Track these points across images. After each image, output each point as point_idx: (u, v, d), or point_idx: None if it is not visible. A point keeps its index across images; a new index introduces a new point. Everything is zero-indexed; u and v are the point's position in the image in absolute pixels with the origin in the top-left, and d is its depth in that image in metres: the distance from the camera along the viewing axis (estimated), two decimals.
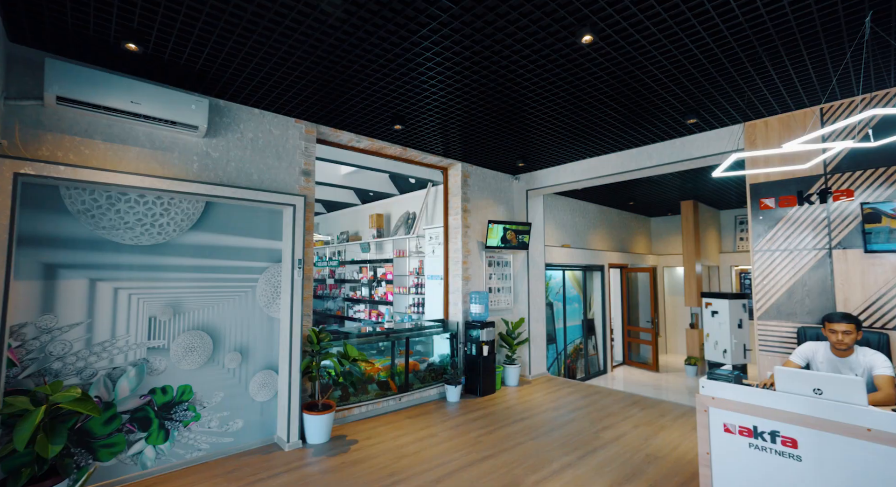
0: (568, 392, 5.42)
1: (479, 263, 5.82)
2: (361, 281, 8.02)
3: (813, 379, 2.41)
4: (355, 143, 4.70)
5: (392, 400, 4.61)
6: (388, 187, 7.52)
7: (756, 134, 4.25)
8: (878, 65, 3.22)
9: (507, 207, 6.40)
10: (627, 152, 5.23)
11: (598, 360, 8.32)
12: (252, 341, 3.60)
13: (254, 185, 3.66)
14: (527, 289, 6.33)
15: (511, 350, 5.73)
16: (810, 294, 3.89)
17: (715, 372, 2.83)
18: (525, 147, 5.12)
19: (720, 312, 6.48)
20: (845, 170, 3.77)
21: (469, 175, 5.80)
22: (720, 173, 3.34)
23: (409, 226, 7.13)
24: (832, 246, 3.80)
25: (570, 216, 8.11)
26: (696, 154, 4.65)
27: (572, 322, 7.91)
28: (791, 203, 4.03)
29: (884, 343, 3.17)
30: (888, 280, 3.54)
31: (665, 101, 3.82)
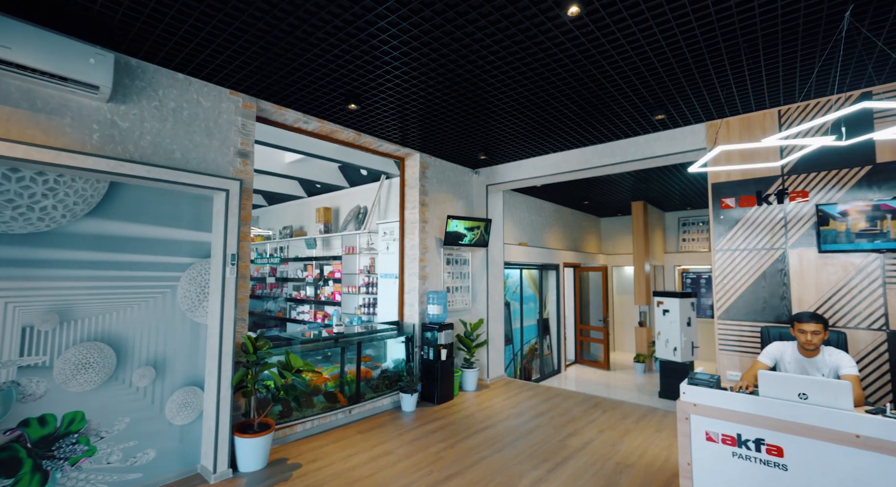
0: (528, 395, 5.22)
1: (436, 261, 5.46)
2: (306, 279, 7.38)
3: (798, 383, 2.29)
4: (303, 125, 4.16)
5: (341, 413, 4.13)
6: (337, 179, 6.96)
7: (718, 133, 4.25)
8: (828, 72, 3.24)
9: (467, 202, 6.10)
10: (592, 148, 5.11)
11: (553, 360, 8.29)
12: (171, 352, 2.98)
13: (176, 165, 3.04)
14: (486, 289, 6.07)
15: (469, 353, 5.43)
16: (768, 293, 3.93)
17: (695, 376, 2.67)
18: (488, 139, 4.84)
19: (671, 311, 6.60)
20: (801, 171, 3.83)
21: (427, 166, 5.43)
22: (696, 169, 3.22)
23: (360, 221, 6.63)
24: (788, 246, 3.86)
25: (527, 214, 7.98)
26: (660, 152, 4.60)
27: (528, 321, 7.79)
28: (750, 203, 4.05)
29: (842, 341, 3.20)
30: (839, 279, 3.63)
31: (627, 98, 3.68)
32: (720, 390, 2.51)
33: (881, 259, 3.48)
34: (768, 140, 2.64)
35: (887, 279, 3.46)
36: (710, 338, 9.45)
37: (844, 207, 3.54)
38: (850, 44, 2.90)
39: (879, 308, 3.47)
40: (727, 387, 2.61)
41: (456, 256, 5.78)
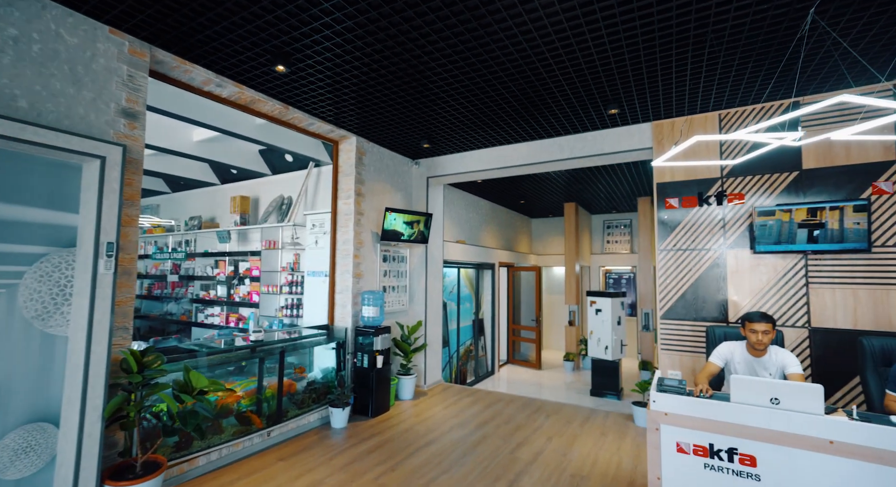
0: (469, 402, 4.90)
1: (372, 258, 4.94)
2: (217, 277, 6.40)
3: (770, 387, 2.20)
4: (216, 88, 3.42)
5: (258, 436, 3.45)
6: (257, 164, 6.10)
7: (663, 133, 4.27)
8: (768, 80, 3.33)
9: (405, 195, 5.64)
10: (539, 142, 4.94)
11: (486, 361, 8.12)
12: (4, 378, 2.16)
13: (18, 116, 2.22)
14: (424, 288, 5.66)
15: (407, 358, 4.99)
16: (707, 293, 4.00)
17: (664, 383, 2.51)
18: (430, 126, 4.44)
19: (603, 310, 6.73)
20: (738, 174, 3.95)
21: (365, 152, 4.88)
22: (660, 163, 3.11)
23: (284, 213, 5.86)
24: (726, 246, 3.96)
25: (464, 211, 7.72)
26: (608, 149, 4.54)
27: (464, 322, 7.53)
28: (693, 203, 4.11)
29: (780, 340, 3.29)
30: (770, 280, 3.78)
31: (576, 92, 3.52)
32: (691, 397, 2.36)
33: (804, 260, 3.67)
34: (738, 134, 2.55)
35: (810, 279, 3.65)
36: (632, 336, 9.98)
37: (775, 210, 3.69)
38: (776, 58, 2.96)
39: (803, 307, 3.66)
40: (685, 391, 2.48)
41: (394, 253, 5.30)
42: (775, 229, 3.70)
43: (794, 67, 3.21)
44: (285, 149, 4.93)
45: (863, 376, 2.89)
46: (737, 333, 3.32)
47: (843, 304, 3.54)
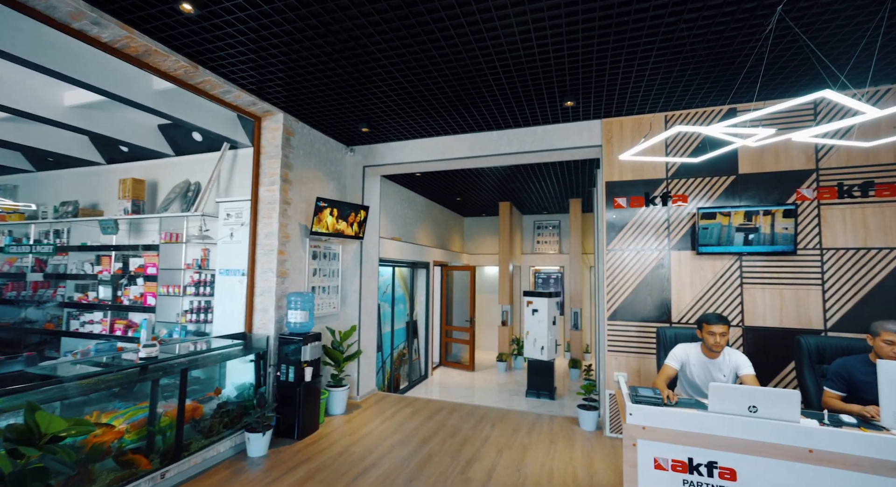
0: (408, 413, 4.49)
1: (300, 254, 4.31)
2: (100, 276, 5.24)
3: (747, 395, 2.09)
4: (91, 28, 2.61)
5: (147, 481, 2.70)
6: (156, 142, 5.09)
7: (612, 131, 4.23)
8: (713, 84, 3.40)
9: (339, 185, 5.06)
10: (487, 134, 4.67)
11: (420, 365, 7.75)
12: None
13: None
14: (359, 289, 5.12)
15: (339, 367, 4.43)
16: (652, 293, 4.02)
17: (639, 394, 2.32)
18: (370, 108, 3.96)
19: (540, 310, 6.71)
20: (682, 176, 4.02)
21: (294, 133, 4.24)
22: (628, 156, 2.96)
23: (190, 201, 4.94)
24: (671, 247, 4.00)
25: (400, 206, 7.27)
26: (557, 145, 4.41)
27: (399, 325, 7.08)
28: (640, 203, 4.11)
29: None
30: (709, 280, 3.88)
31: (523, 81, 3.31)
32: (670, 408, 2.19)
33: (740, 261, 3.82)
34: (713, 128, 2.45)
35: (744, 280, 3.80)
36: (561, 335, 10.23)
37: (715, 212, 3.79)
38: (718, 65, 3.00)
39: (738, 306, 3.80)
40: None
41: (325, 249, 4.70)
42: (716, 231, 3.81)
43: (738, 76, 3.27)
44: (193, 124, 4.10)
45: (800, 373, 3.00)
46: (687, 334, 3.32)
47: (772, 304, 3.73)
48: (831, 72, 3.27)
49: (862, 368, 2.62)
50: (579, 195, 8.20)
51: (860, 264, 3.55)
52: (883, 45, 2.88)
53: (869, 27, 2.68)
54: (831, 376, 2.70)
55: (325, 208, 4.34)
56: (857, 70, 3.23)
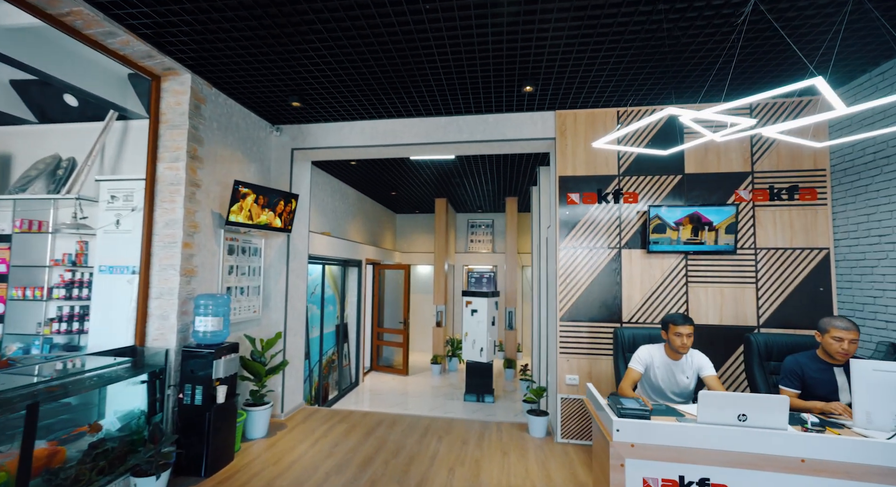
0: (343, 430, 3.94)
1: (213, 248, 3.56)
2: None
3: (737, 402, 1.95)
4: None
5: None
6: (7, 102, 3.94)
7: (566, 124, 4.08)
8: (666, 83, 3.39)
9: (262, 169, 4.34)
10: (435, 120, 4.28)
11: (351, 371, 7.14)
12: None
13: None
14: (285, 289, 4.44)
15: (260, 382, 3.75)
16: (604, 293, 3.93)
17: (624, 406, 2.08)
18: (303, 79, 3.37)
19: (479, 310, 6.49)
20: (633, 173, 3.98)
21: (205, 101, 3.49)
22: (601, 145, 2.75)
23: (60, 181, 3.89)
24: (622, 245, 3.95)
25: (330, 198, 6.60)
26: (510, 135, 4.16)
27: (328, 328, 6.41)
28: (592, 200, 4.01)
29: None
30: (658, 279, 3.88)
31: (467, 62, 3.02)
32: (660, 421, 1.98)
33: (686, 260, 3.87)
34: (704, 113, 2.31)
35: (689, 279, 3.86)
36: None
37: (664, 211, 3.80)
38: (666, 64, 2.98)
39: (683, 304, 3.85)
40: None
41: (244, 243, 3.97)
42: (667, 229, 3.81)
43: (688, 78, 3.27)
44: (64, 80, 3.18)
45: (750, 370, 3.03)
46: (644, 334, 3.23)
47: (714, 302, 3.82)
48: (771, 78, 3.40)
49: (813, 365, 2.68)
50: (516, 194, 8.16)
51: (787, 263, 3.76)
52: (840, 51, 3.01)
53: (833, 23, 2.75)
54: (786, 374, 2.72)
55: (246, 194, 3.64)
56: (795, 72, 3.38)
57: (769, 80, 3.46)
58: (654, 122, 3.96)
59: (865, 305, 3.45)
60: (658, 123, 3.94)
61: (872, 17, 2.64)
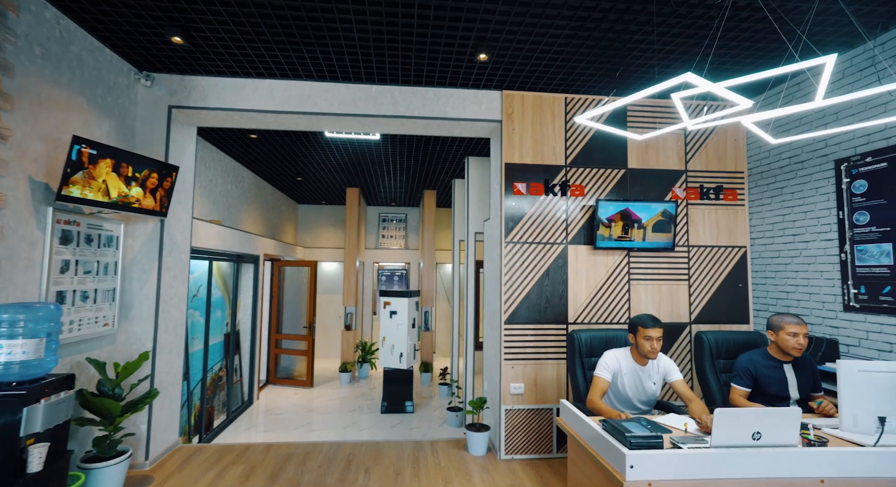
0: (238, 476, 3.03)
1: (32, 235, 2.41)
2: None
3: (753, 419, 1.69)
4: None
5: None
6: None
7: (513, 106, 3.70)
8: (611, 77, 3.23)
9: (122, 128, 3.19)
10: (365, 88, 3.58)
11: (243, 387, 5.97)
12: None
13: None
14: (155, 293, 3.32)
15: (113, 425, 2.67)
16: (552, 292, 3.63)
17: (633, 434, 1.69)
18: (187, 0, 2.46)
19: (399, 312, 5.88)
20: (580, 165, 3.76)
21: (17, 8, 2.33)
22: (584, 120, 2.35)
23: None
24: (569, 240, 3.69)
25: (221, 180, 5.41)
26: (452, 113, 3.64)
27: (215, 339, 5.22)
28: (540, 191, 3.68)
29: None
30: (602, 277, 3.70)
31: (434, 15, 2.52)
32: (677, 450, 1.63)
33: (628, 257, 3.76)
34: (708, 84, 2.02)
35: (631, 276, 3.75)
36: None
37: (610, 206, 3.63)
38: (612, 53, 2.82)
39: (626, 303, 3.73)
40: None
41: (90, 229, 2.82)
42: (612, 225, 3.64)
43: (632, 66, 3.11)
44: None
45: (701, 369, 2.94)
46: (601, 337, 2.97)
47: (653, 300, 3.76)
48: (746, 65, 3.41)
49: (765, 363, 2.64)
50: (435, 186, 7.71)
51: (714, 261, 3.87)
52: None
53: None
54: (740, 372, 2.65)
55: (97, 159, 2.54)
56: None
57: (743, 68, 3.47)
58: (631, 102, 3.78)
59: (779, 300, 3.65)
60: (608, 112, 3.77)
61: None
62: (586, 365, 2.93)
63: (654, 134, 2.45)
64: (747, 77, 1.70)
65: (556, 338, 3.59)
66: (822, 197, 3.30)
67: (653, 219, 3.69)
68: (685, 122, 2.14)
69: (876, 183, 2.95)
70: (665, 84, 1.74)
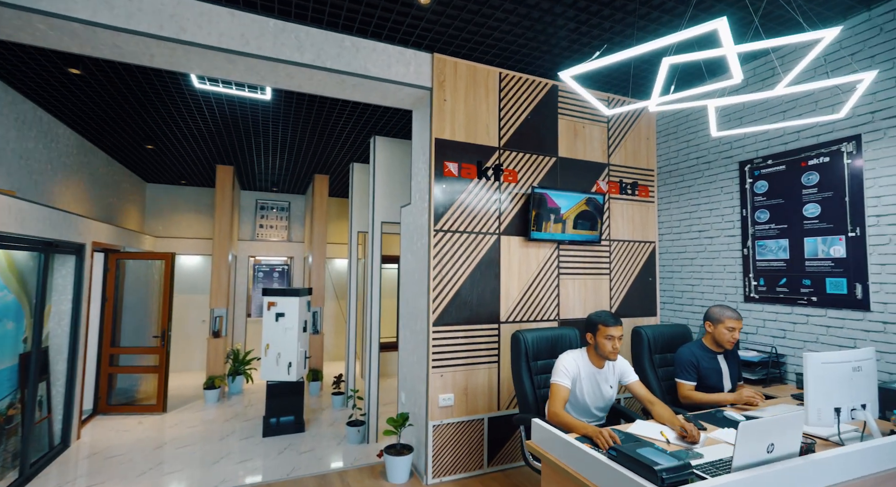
0: None
1: None
2: None
3: (769, 430, 1.47)
4: None
5: None
6: None
7: (445, 73, 3.19)
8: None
9: None
10: (261, 20, 2.69)
11: (52, 426, 4.33)
12: None
13: None
14: None
15: None
16: (483, 288, 3.22)
17: (661, 466, 1.31)
18: None
19: (288, 314, 4.92)
20: (514, 147, 3.43)
21: None
22: (567, 77, 1.93)
23: None
24: (501, 231, 3.33)
25: (18, 132, 3.80)
26: (373, 71, 2.97)
27: (2, 363, 3.61)
28: (472, 174, 3.25)
29: None
30: (534, 271, 3.44)
31: None
32: (709, 482, 1.30)
33: (558, 250, 3.57)
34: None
35: (561, 270, 3.57)
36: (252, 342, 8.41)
37: (543, 193, 3.39)
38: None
39: (555, 298, 3.53)
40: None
41: None
42: (544, 216, 3.39)
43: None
44: None
45: (641, 366, 2.82)
46: (546, 337, 2.66)
47: (579, 295, 3.64)
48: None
49: (705, 355, 2.61)
50: (328, 171, 6.81)
51: (630, 255, 3.92)
52: None
53: None
54: (685, 366, 2.58)
55: None
56: None
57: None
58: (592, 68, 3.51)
59: (684, 293, 3.84)
60: (542, 92, 3.51)
61: None
62: (533, 369, 2.59)
63: (623, 108, 2.19)
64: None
65: (488, 340, 3.20)
66: (727, 196, 3.51)
67: (573, 209, 3.52)
68: (604, 111, 2.02)
69: (775, 184, 3.19)
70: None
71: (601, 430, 1.80)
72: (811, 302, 2.95)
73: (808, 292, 2.97)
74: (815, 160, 2.96)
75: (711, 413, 2.28)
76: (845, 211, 2.81)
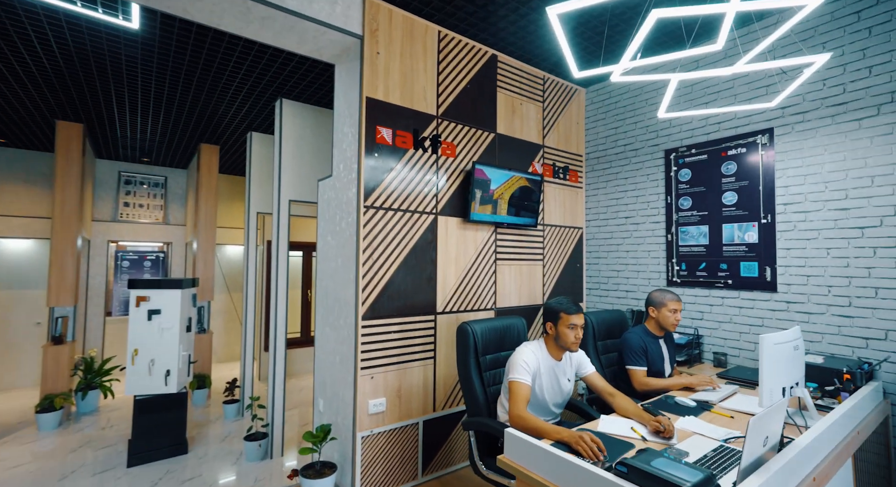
0: None
1: None
2: None
3: (766, 421, 1.34)
4: None
5: None
6: None
7: (379, 20, 2.69)
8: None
9: None
10: None
11: None
12: None
13: None
14: None
15: None
16: (420, 274, 2.83)
17: (687, 481, 1.07)
18: None
19: (165, 311, 3.97)
20: (452, 118, 3.07)
21: None
22: (553, 14, 1.59)
23: None
24: (438, 211, 2.96)
25: None
26: (291, 5, 2.35)
27: None
28: (408, 143, 2.81)
29: None
30: (471, 256, 3.15)
31: None
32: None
33: (495, 234, 3.32)
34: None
35: (498, 256, 3.34)
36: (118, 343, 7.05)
37: (483, 170, 3.10)
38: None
39: (492, 286, 3.29)
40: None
41: None
42: (484, 196, 3.10)
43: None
44: None
45: (587, 353, 2.71)
46: (496, 327, 2.38)
47: (515, 281, 3.45)
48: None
49: (651, 340, 2.58)
50: (218, 141, 5.75)
51: (561, 241, 3.85)
52: None
53: None
54: (636, 352, 2.51)
55: None
56: None
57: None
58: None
59: (610, 278, 3.89)
60: (482, 59, 3.19)
61: None
62: (483, 365, 2.29)
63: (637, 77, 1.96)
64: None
65: (424, 333, 2.83)
66: (652, 183, 3.59)
67: (512, 190, 3.26)
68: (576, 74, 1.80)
69: (697, 172, 3.32)
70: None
71: (581, 434, 1.55)
72: (727, 285, 3.12)
73: (725, 275, 3.14)
74: (734, 151, 3.12)
75: (663, 400, 2.22)
76: (759, 199, 2.99)
